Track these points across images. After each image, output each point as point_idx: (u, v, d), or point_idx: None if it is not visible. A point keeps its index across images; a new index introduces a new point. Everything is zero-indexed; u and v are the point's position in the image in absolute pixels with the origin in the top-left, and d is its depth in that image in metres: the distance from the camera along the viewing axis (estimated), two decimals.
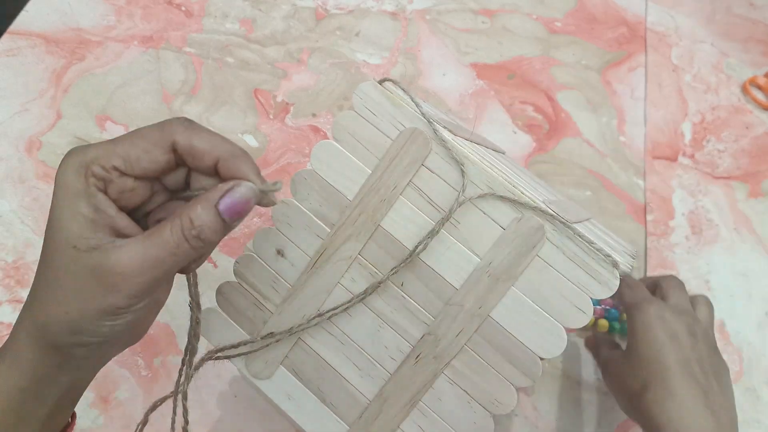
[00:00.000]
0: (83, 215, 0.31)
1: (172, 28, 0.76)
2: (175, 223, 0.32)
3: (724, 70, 0.86)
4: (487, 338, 0.37)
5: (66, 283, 0.31)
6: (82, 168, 0.32)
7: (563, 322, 0.36)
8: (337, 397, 0.40)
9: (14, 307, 0.56)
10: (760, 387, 0.62)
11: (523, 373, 0.37)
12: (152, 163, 0.32)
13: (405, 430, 0.39)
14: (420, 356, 0.38)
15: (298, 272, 0.41)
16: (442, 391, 0.38)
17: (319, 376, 0.41)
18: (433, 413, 0.38)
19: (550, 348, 0.36)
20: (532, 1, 0.88)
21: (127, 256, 0.31)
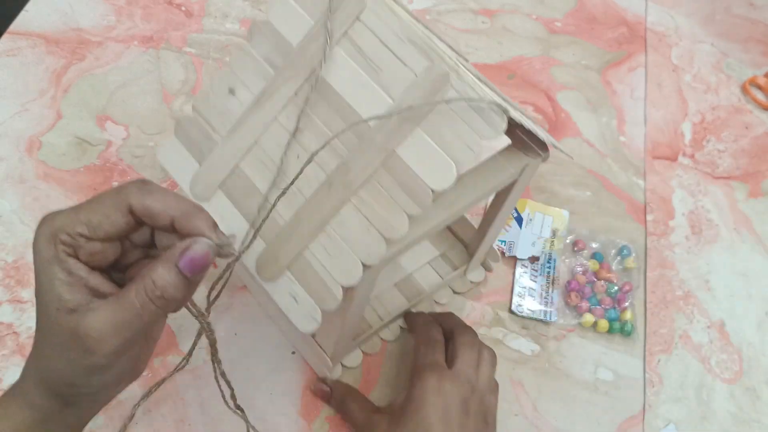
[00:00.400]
0: (59, 279, 0.34)
1: (172, 28, 0.76)
2: (139, 285, 0.34)
3: (724, 70, 0.86)
4: (389, 171, 0.41)
5: (53, 342, 0.34)
6: (52, 237, 0.34)
7: (455, 159, 0.40)
8: (252, 214, 0.45)
9: (14, 307, 0.56)
10: (759, 387, 0.62)
11: (415, 203, 0.40)
12: (113, 227, 0.35)
13: (312, 249, 0.43)
14: (333, 184, 0.43)
15: (244, 109, 0.46)
16: (347, 217, 0.42)
17: (247, 201, 0.45)
18: (338, 236, 0.42)
19: (440, 182, 0.40)
20: (532, 1, 0.88)
21: (99, 321, 0.33)
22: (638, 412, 0.59)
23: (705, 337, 0.64)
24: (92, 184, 0.63)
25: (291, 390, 0.56)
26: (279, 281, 0.44)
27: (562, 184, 0.72)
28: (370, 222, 0.41)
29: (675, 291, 0.66)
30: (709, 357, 0.63)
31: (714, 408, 0.60)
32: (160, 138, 0.67)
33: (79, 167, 0.64)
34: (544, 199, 0.70)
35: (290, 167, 0.44)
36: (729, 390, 0.61)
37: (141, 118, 0.68)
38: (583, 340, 0.62)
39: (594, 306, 0.63)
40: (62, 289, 0.34)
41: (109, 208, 0.35)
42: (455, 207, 0.46)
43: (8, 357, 0.54)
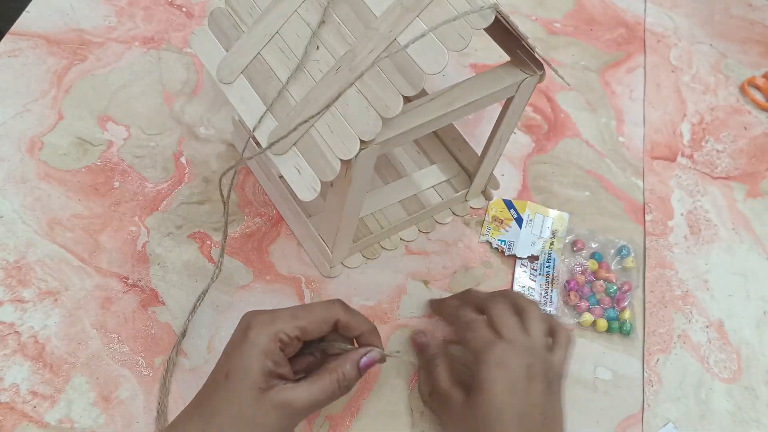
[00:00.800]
0: (267, 367, 0.44)
1: (173, 28, 0.76)
2: (332, 375, 0.46)
3: (723, 70, 0.86)
4: (391, 57, 0.46)
5: (248, 414, 0.43)
6: (274, 335, 0.45)
7: (447, 45, 0.44)
8: (270, 96, 0.50)
9: (15, 306, 0.56)
10: (758, 386, 0.62)
11: (410, 85, 0.45)
12: (319, 333, 0.47)
13: (317, 127, 0.48)
14: (340, 68, 0.47)
15: (268, 2, 0.51)
16: (350, 98, 0.47)
17: (266, 84, 0.50)
18: (341, 115, 0.47)
19: (434, 66, 0.44)
20: (532, 2, 0.88)
21: (303, 395, 0.44)
22: (637, 411, 0.59)
23: (704, 337, 0.64)
24: (93, 185, 0.64)
25: None
26: (286, 156, 0.49)
27: (561, 184, 0.72)
28: (369, 102, 0.46)
29: (674, 291, 0.66)
30: (708, 356, 0.63)
31: (713, 407, 0.60)
32: (161, 138, 0.68)
33: (80, 167, 0.65)
34: (543, 199, 0.70)
35: (309, 57, 0.49)
36: (728, 389, 0.62)
37: (142, 119, 0.69)
38: (583, 339, 0.62)
39: (593, 305, 0.63)
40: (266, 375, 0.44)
41: (320, 320, 0.47)
42: (454, 106, 0.51)
43: (9, 356, 0.54)
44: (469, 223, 0.68)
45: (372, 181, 0.66)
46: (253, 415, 0.43)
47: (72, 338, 0.56)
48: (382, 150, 0.49)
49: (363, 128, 0.46)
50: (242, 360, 0.44)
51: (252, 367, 0.44)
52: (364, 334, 0.49)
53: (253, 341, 0.44)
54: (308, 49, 0.49)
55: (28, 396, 0.53)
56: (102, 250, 0.60)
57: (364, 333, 0.49)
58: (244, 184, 0.66)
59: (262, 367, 0.44)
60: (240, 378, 0.44)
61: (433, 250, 0.65)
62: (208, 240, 0.62)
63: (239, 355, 0.44)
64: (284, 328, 0.45)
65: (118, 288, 0.59)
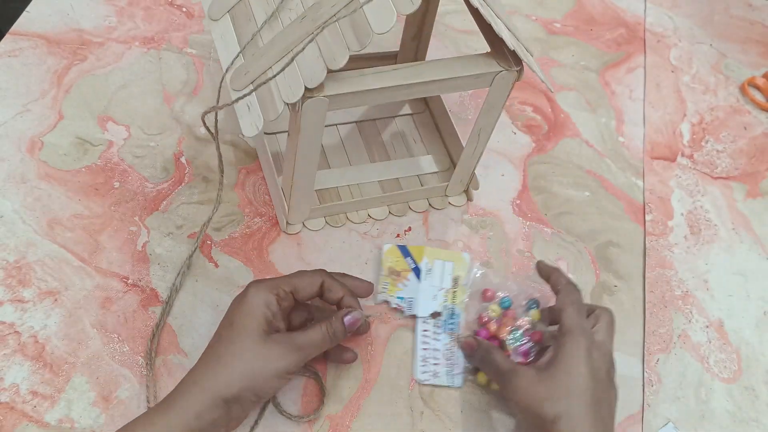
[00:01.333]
0: (267, 316, 0.50)
1: (174, 29, 0.76)
2: (322, 326, 0.51)
3: (723, 70, 0.86)
4: (349, 15, 0.48)
5: (255, 353, 0.48)
6: (273, 288, 0.51)
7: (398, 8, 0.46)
8: (245, 37, 0.53)
9: (15, 306, 0.56)
10: (758, 386, 0.62)
11: (358, 41, 0.47)
12: (308, 292, 0.53)
13: (273, 68, 0.50)
14: (305, 18, 0.50)
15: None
16: (307, 46, 0.49)
17: (245, 26, 0.53)
18: (294, 62, 0.49)
19: (382, 26, 0.46)
20: (532, 2, 0.88)
21: (300, 337, 0.50)
22: (637, 411, 0.59)
23: (704, 337, 0.64)
24: (93, 185, 0.64)
25: (292, 389, 0.56)
26: (242, 92, 0.51)
27: (561, 184, 0.72)
28: (321, 53, 0.48)
29: (674, 291, 0.67)
30: (708, 356, 0.63)
31: (712, 407, 0.60)
32: (161, 138, 0.68)
33: (80, 167, 0.65)
34: (543, 199, 0.70)
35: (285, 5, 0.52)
36: (727, 389, 0.62)
37: (142, 119, 0.69)
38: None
39: (533, 309, 0.59)
40: (266, 322, 0.50)
41: (309, 280, 0.53)
42: (417, 79, 0.52)
43: (9, 356, 0.54)
44: (469, 223, 0.68)
45: (358, 156, 0.69)
46: (257, 354, 0.48)
47: (72, 338, 0.56)
48: (335, 105, 0.51)
49: (309, 75, 0.48)
50: (245, 310, 0.50)
51: (255, 314, 0.49)
52: (345, 299, 0.54)
53: (254, 294, 0.50)
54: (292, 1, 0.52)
55: (28, 396, 0.53)
56: (102, 250, 0.60)
57: (344, 297, 0.54)
58: (244, 184, 0.66)
59: (263, 313, 0.50)
60: (244, 325, 0.49)
61: None
62: (208, 240, 0.62)
63: (242, 307, 0.50)
64: (280, 284, 0.52)
65: (118, 288, 0.59)
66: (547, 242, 0.68)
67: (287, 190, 0.60)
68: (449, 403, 0.57)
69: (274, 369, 0.48)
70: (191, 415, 0.46)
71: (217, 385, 0.47)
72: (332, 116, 0.70)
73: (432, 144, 0.71)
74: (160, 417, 0.47)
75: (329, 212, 0.65)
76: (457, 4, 0.86)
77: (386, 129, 0.72)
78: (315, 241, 0.64)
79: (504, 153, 0.73)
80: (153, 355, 0.55)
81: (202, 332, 0.57)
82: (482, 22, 0.54)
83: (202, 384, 0.47)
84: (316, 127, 0.53)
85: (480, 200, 0.69)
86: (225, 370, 0.48)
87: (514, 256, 0.66)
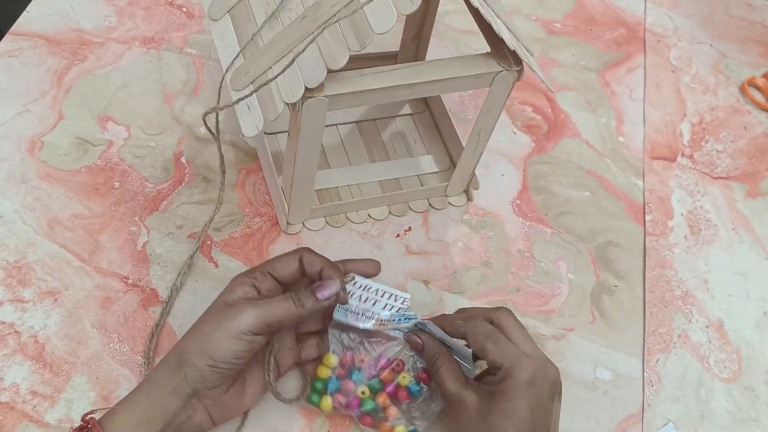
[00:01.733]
0: (243, 291, 0.50)
1: (174, 29, 0.76)
2: (290, 293, 0.50)
3: (723, 70, 0.86)
4: (349, 16, 0.48)
5: (210, 319, 0.49)
6: (249, 276, 0.51)
7: (398, 8, 0.46)
8: (245, 37, 0.53)
9: (16, 306, 0.56)
10: (758, 386, 0.62)
11: (358, 41, 0.47)
12: (287, 270, 0.52)
13: (273, 69, 0.50)
14: (305, 17, 0.50)
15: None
16: (307, 46, 0.49)
17: (244, 26, 0.54)
18: (295, 62, 0.49)
19: (383, 26, 0.46)
20: (532, 2, 0.88)
21: (273, 302, 0.50)
22: (637, 411, 0.59)
23: (704, 337, 0.64)
24: (93, 184, 0.64)
25: (291, 389, 0.56)
26: (242, 92, 0.51)
27: (561, 184, 0.72)
28: (321, 53, 0.48)
29: (674, 291, 0.67)
30: (708, 356, 0.63)
31: (712, 407, 0.60)
32: (161, 138, 0.68)
33: (80, 167, 0.65)
34: (543, 199, 0.70)
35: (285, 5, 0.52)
36: (727, 389, 0.62)
37: (142, 119, 0.69)
38: (582, 339, 0.62)
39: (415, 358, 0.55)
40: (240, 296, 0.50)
41: (286, 259, 0.52)
42: (417, 79, 0.52)
43: (9, 356, 0.54)
44: (469, 223, 0.68)
45: (358, 156, 0.69)
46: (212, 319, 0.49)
47: (72, 338, 0.56)
48: (335, 105, 0.51)
49: (310, 75, 0.48)
50: (222, 299, 0.51)
51: (232, 295, 0.50)
52: (324, 269, 0.52)
53: (231, 285, 0.51)
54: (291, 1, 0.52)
55: (28, 396, 0.53)
56: (102, 250, 0.60)
57: (324, 268, 0.52)
58: (244, 184, 0.66)
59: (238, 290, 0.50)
60: (222, 299, 0.51)
61: (433, 250, 0.65)
62: (208, 240, 0.62)
63: (219, 299, 0.51)
64: (256, 269, 0.52)
65: (118, 288, 0.59)
66: (547, 242, 0.68)
67: (287, 190, 0.60)
68: None
69: (226, 328, 0.48)
70: (167, 390, 0.48)
71: (176, 354, 0.49)
72: (332, 116, 0.70)
73: (432, 144, 0.71)
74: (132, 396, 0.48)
75: (329, 212, 0.65)
76: (457, 4, 0.86)
77: (386, 129, 0.72)
78: (315, 241, 0.64)
79: (504, 153, 0.73)
80: (151, 354, 0.55)
81: None
82: (482, 22, 0.54)
83: (168, 359, 0.49)
84: (316, 127, 0.53)
85: (480, 200, 0.69)
86: (183, 340, 0.49)
87: (514, 256, 0.66)
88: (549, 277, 0.66)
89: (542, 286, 0.65)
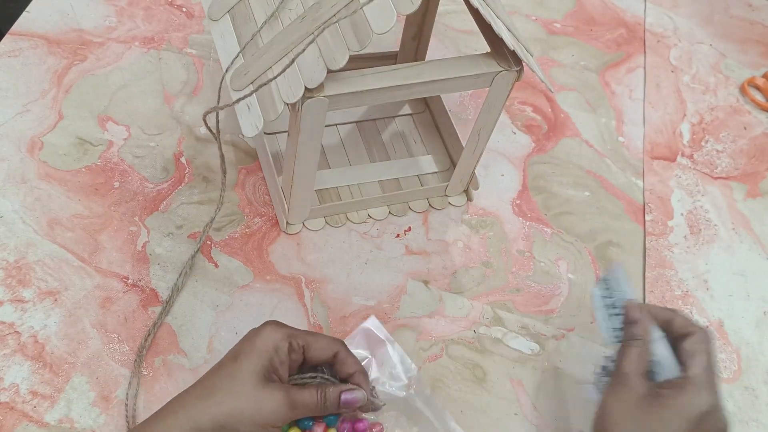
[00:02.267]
0: (273, 361, 0.48)
1: (174, 29, 0.76)
2: (319, 390, 0.49)
3: (723, 70, 0.86)
4: (349, 16, 0.48)
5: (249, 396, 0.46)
6: (287, 337, 0.49)
7: (398, 8, 0.46)
8: (245, 37, 0.53)
9: (15, 306, 0.56)
10: (758, 386, 0.62)
11: (358, 42, 0.47)
12: (321, 354, 0.50)
13: (273, 69, 0.51)
14: (305, 18, 0.50)
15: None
16: (307, 47, 0.49)
17: (244, 26, 0.54)
18: (295, 62, 0.49)
19: (383, 26, 0.46)
20: (532, 2, 0.88)
21: (297, 394, 0.48)
22: None
23: None
24: (93, 185, 0.64)
25: None
26: (242, 92, 0.51)
27: (561, 184, 0.72)
28: (321, 53, 0.48)
29: (674, 291, 0.67)
30: None
31: None
32: (161, 138, 0.68)
33: (80, 167, 0.65)
34: (543, 199, 0.70)
35: (285, 6, 0.52)
36: (728, 389, 0.62)
37: (142, 119, 0.69)
38: (583, 339, 0.62)
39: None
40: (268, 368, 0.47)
41: (326, 343, 0.50)
42: (418, 79, 0.52)
43: (9, 356, 0.54)
44: (469, 223, 0.68)
45: (358, 156, 0.69)
46: (250, 398, 0.46)
47: (72, 338, 0.56)
48: (335, 105, 0.51)
49: (310, 76, 0.48)
50: (254, 347, 0.48)
51: (262, 355, 0.48)
52: (356, 375, 0.51)
53: (267, 334, 0.48)
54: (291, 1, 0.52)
55: (28, 396, 0.53)
56: (102, 250, 0.60)
57: (356, 374, 0.51)
58: (244, 184, 0.66)
59: (270, 357, 0.48)
60: (249, 362, 0.47)
61: (433, 250, 0.65)
62: (208, 240, 0.62)
63: (252, 342, 0.48)
64: (296, 334, 0.50)
65: (118, 288, 0.59)
66: (547, 242, 0.68)
67: (287, 190, 0.60)
68: (449, 404, 0.57)
69: (263, 419, 0.46)
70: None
71: (202, 415, 0.46)
72: (332, 116, 0.70)
73: (432, 144, 0.71)
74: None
75: (329, 212, 0.65)
76: (457, 4, 0.86)
77: (386, 129, 0.72)
78: (315, 241, 0.64)
79: (504, 153, 0.73)
80: (144, 353, 0.55)
81: (202, 332, 0.57)
82: (482, 22, 0.54)
83: (189, 410, 0.46)
84: (316, 127, 0.53)
85: (480, 200, 0.69)
86: (215, 403, 0.46)
87: (514, 256, 0.66)
88: (549, 277, 0.66)
89: (542, 286, 0.65)
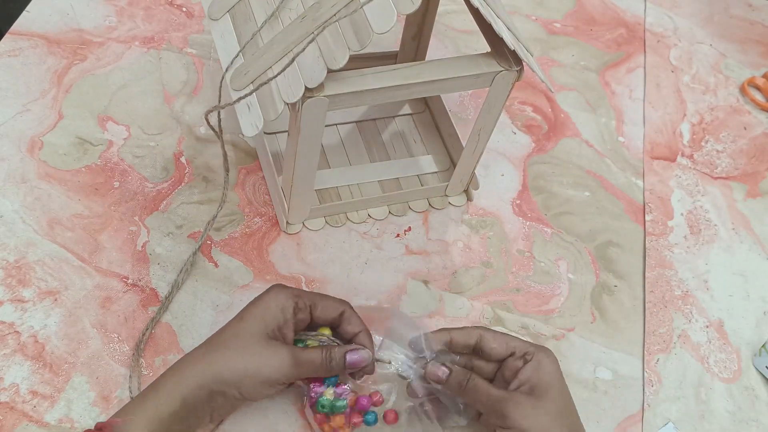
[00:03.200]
0: (277, 321, 0.49)
1: (174, 28, 0.76)
2: (324, 351, 0.50)
3: (723, 70, 0.86)
4: (349, 15, 0.48)
5: (254, 354, 0.48)
6: (294, 297, 0.50)
7: (398, 8, 0.46)
8: (245, 37, 0.53)
9: (15, 306, 0.56)
10: (758, 386, 0.62)
11: (358, 41, 0.47)
12: (327, 315, 0.52)
13: (273, 69, 0.50)
14: (305, 17, 0.50)
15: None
16: (307, 46, 0.49)
17: (244, 25, 0.54)
18: (295, 61, 0.49)
19: (383, 25, 0.46)
20: (532, 2, 0.88)
21: (301, 353, 0.49)
22: (637, 411, 0.59)
23: (704, 337, 0.64)
24: (93, 184, 0.64)
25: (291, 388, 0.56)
26: (242, 91, 0.51)
27: (561, 184, 0.72)
28: (321, 53, 0.48)
29: (674, 291, 0.67)
30: (708, 356, 0.63)
31: (712, 407, 0.60)
32: (161, 138, 0.68)
33: (80, 167, 0.65)
34: (543, 199, 0.70)
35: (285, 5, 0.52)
36: (727, 389, 0.62)
37: (142, 119, 0.69)
38: (583, 339, 0.62)
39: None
40: (274, 327, 0.49)
41: (332, 303, 0.52)
42: (417, 79, 0.52)
43: (9, 356, 0.54)
44: (469, 223, 0.68)
45: (358, 156, 0.69)
46: (255, 355, 0.48)
47: (72, 338, 0.56)
48: (335, 105, 0.51)
49: (310, 75, 0.48)
50: (259, 308, 0.50)
51: (267, 314, 0.49)
52: (360, 335, 0.52)
53: (273, 296, 0.50)
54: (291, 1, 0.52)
55: (28, 396, 0.53)
56: (102, 250, 0.60)
57: (361, 333, 0.52)
58: (244, 184, 0.66)
59: (275, 317, 0.49)
60: (253, 321, 0.49)
61: (433, 250, 0.65)
62: (207, 240, 0.62)
63: (258, 304, 0.50)
64: (302, 294, 0.51)
65: (118, 288, 0.59)
66: (547, 242, 0.68)
67: (287, 190, 0.60)
68: None
69: (267, 376, 0.48)
70: (177, 399, 0.47)
71: (208, 373, 0.48)
72: (332, 116, 0.70)
73: (432, 144, 0.71)
74: (150, 399, 0.47)
75: (329, 212, 0.65)
76: (457, 4, 0.86)
77: (386, 129, 0.72)
78: (315, 241, 0.64)
79: (504, 153, 0.73)
80: (141, 347, 0.55)
81: (202, 332, 0.57)
82: (482, 22, 0.54)
83: (195, 369, 0.48)
84: (316, 127, 0.53)
85: (480, 200, 0.69)
86: (220, 362, 0.48)
87: (514, 256, 0.66)
88: (549, 277, 0.66)
89: (542, 286, 0.65)
